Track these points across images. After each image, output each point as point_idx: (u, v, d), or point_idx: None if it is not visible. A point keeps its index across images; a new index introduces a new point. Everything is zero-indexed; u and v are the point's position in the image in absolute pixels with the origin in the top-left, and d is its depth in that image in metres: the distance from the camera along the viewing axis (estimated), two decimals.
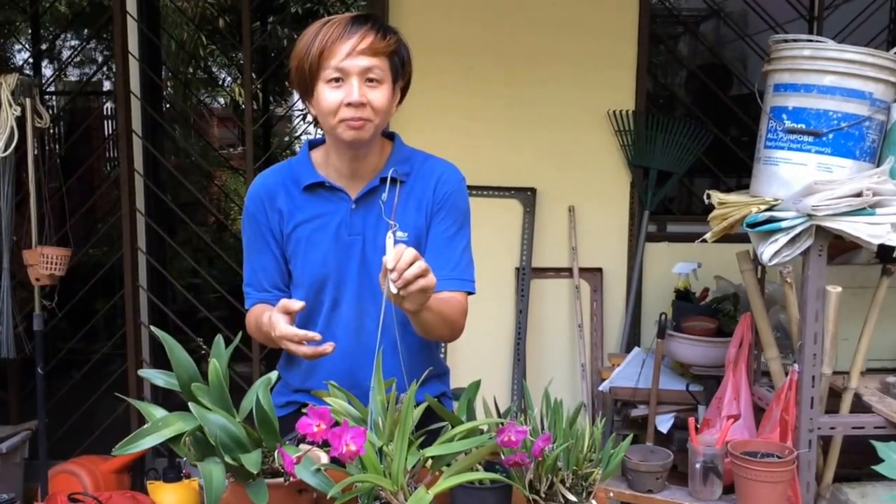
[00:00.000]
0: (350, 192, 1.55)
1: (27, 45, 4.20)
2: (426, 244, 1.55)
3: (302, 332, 1.41)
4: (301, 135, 6.49)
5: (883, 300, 2.27)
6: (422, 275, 1.27)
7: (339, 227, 1.55)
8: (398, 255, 1.25)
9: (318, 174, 1.56)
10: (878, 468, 1.05)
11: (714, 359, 2.69)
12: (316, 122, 1.56)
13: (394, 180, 1.47)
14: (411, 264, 1.26)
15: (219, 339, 1.42)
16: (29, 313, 3.06)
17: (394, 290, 1.26)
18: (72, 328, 3.69)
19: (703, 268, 3.03)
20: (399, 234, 1.43)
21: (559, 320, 3.35)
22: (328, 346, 1.42)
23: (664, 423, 2.83)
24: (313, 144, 1.62)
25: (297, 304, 1.42)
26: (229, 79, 6.55)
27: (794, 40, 2.22)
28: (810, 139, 2.15)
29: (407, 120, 2.85)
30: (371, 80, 1.44)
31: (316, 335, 1.41)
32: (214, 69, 6.48)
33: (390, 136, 1.61)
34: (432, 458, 1.27)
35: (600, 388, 3.02)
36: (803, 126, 2.16)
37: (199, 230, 4.00)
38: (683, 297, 2.99)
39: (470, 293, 1.57)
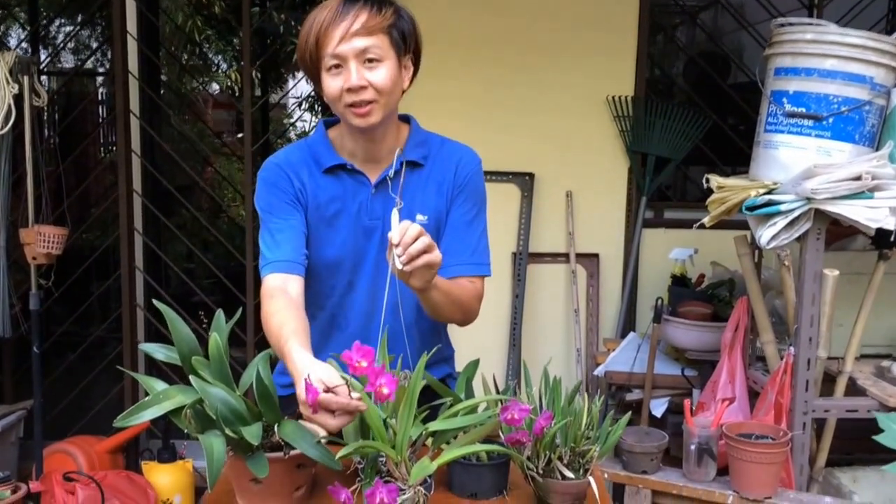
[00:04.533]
0: (369, 175, 1.53)
1: (24, 26, 4.16)
2: (445, 228, 1.54)
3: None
4: (296, 121, 6.46)
5: (879, 286, 2.28)
6: (426, 250, 1.26)
7: (359, 212, 1.53)
8: (403, 230, 1.25)
9: (339, 156, 1.53)
10: (879, 438, 1.06)
11: (709, 343, 2.71)
12: (326, 107, 1.53)
13: (402, 162, 1.46)
14: (416, 239, 1.25)
15: (219, 314, 1.42)
16: (25, 294, 3.05)
17: (399, 266, 1.25)
18: (67, 310, 3.68)
19: (699, 254, 3.04)
20: (419, 217, 1.41)
21: (555, 305, 3.36)
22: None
23: (658, 408, 2.84)
24: (329, 123, 1.59)
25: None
26: (225, 65, 6.52)
27: (796, 24, 2.22)
28: (810, 123, 2.15)
29: (406, 105, 2.83)
30: (370, 61, 1.40)
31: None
32: (210, 55, 6.43)
33: (406, 119, 1.59)
34: (433, 433, 1.28)
35: (595, 373, 3.03)
36: (803, 110, 2.16)
37: (195, 215, 3.99)
38: (680, 282, 3.00)
39: (486, 276, 1.57)
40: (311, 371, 1.18)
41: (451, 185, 1.54)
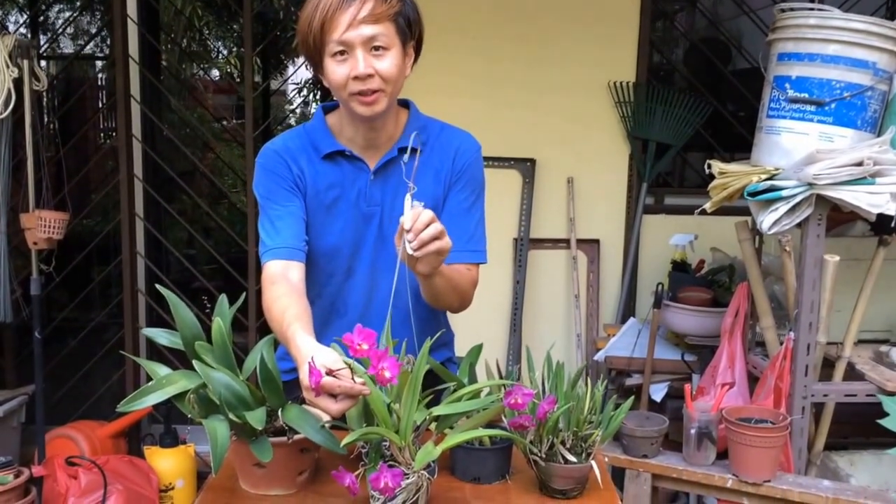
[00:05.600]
0: (368, 161, 1.52)
1: (24, 10, 4.14)
2: (442, 214, 1.53)
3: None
4: (297, 107, 6.44)
5: (878, 271, 2.29)
6: (437, 237, 1.26)
7: (358, 198, 1.52)
8: (415, 216, 1.25)
9: (338, 143, 1.52)
10: (883, 422, 1.07)
11: (709, 329, 2.72)
12: (328, 94, 1.50)
13: (414, 149, 1.43)
14: (428, 225, 1.25)
15: (222, 298, 1.42)
16: (26, 279, 3.04)
17: (409, 251, 1.25)
18: (68, 295, 3.68)
19: (699, 240, 3.04)
20: (416, 203, 1.41)
21: (556, 291, 3.37)
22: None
23: (658, 392, 2.86)
24: (327, 109, 1.57)
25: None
26: (225, 51, 6.49)
27: (799, 9, 2.21)
28: (813, 108, 2.15)
29: (407, 90, 2.83)
30: (377, 49, 1.38)
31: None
32: (211, 41, 6.40)
33: (405, 104, 1.57)
34: (437, 418, 1.28)
35: (595, 358, 3.04)
36: (806, 95, 2.16)
37: (197, 201, 3.98)
38: (680, 268, 3.01)
39: (482, 263, 1.56)
40: (314, 355, 1.18)
41: (449, 172, 1.53)
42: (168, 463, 2.95)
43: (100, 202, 3.83)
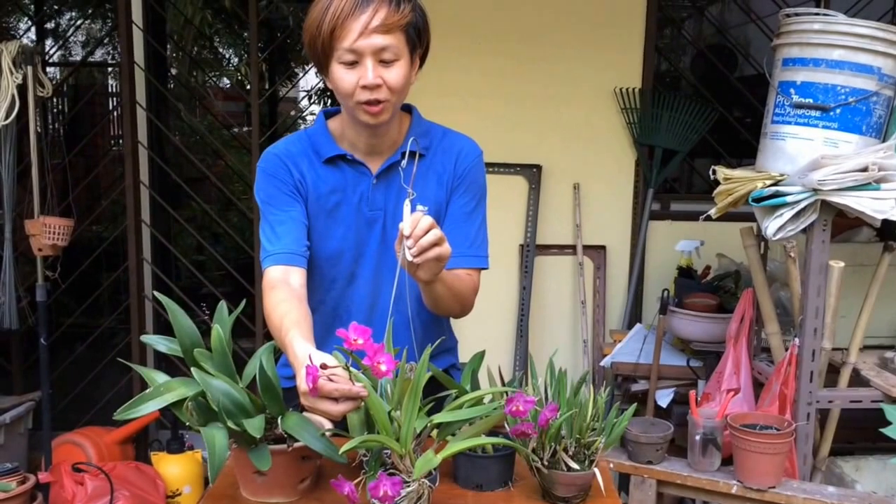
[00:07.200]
0: (370, 166, 1.52)
1: (31, 16, 4.17)
2: (444, 219, 1.52)
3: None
4: (305, 114, 6.46)
5: (883, 277, 2.28)
6: (437, 243, 1.25)
7: (360, 203, 1.52)
8: (415, 222, 1.24)
9: (339, 147, 1.51)
10: (886, 430, 1.07)
11: (715, 335, 2.71)
12: (333, 97, 1.51)
13: (413, 153, 1.43)
14: (427, 232, 1.24)
15: (222, 306, 1.41)
16: (32, 286, 3.06)
17: (409, 258, 1.24)
18: (74, 302, 3.70)
19: (705, 246, 3.04)
20: (420, 207, 1.37)
21: (562, 297, 3.36)
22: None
23: (664, 398, 2.85)
24: (329, 114, 1.57)
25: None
26: (235, 59, 6.51)
27: (804, 14, 2.21)
28: (817, 114, 2.14)
29: (414, 96, 2.84)
30: (386, 60, 1.38)
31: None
32: (221, 49, 6.43)
33: (408, 109, 1.57)
34: (438, 425, 1.28)
35: (602, 364, 3.04)
36: (811, 101, 2.15)
37: (204, 208, 4.00)
38: (686, 274, 3.00)
39: (483, 269, 1.55)
40: (311, 357, 1.17)
41: (451, 176, 1.53)
42: (175, 469, 2.96)
43: (108, 208, 3.85)
